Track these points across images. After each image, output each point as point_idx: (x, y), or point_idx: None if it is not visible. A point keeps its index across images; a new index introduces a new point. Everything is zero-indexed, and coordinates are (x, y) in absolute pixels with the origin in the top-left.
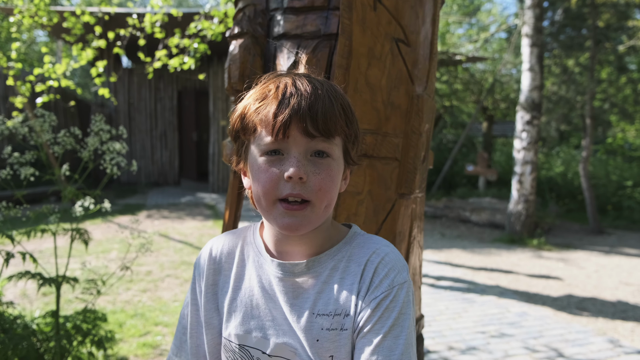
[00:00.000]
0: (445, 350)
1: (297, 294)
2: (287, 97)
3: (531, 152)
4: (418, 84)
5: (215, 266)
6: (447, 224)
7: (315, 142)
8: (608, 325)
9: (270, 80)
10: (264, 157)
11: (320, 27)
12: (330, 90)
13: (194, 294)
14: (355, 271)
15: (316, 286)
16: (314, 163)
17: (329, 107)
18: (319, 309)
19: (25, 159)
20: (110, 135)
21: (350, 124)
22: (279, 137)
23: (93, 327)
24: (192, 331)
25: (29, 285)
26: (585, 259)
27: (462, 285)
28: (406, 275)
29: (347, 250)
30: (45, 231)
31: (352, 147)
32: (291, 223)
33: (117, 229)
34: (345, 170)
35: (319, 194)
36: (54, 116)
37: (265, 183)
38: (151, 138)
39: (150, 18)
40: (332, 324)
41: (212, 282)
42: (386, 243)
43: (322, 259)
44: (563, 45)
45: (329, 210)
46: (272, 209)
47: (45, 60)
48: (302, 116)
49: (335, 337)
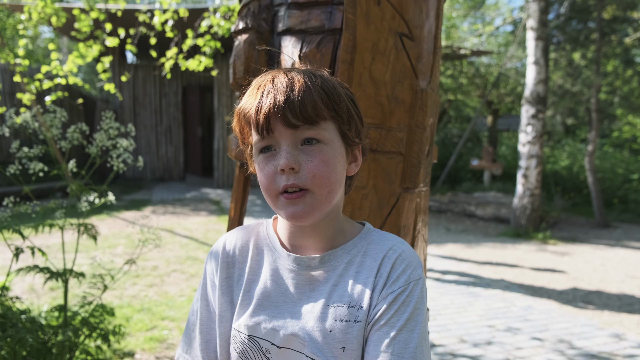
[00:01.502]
0: (451, 344)
1: (313, 287)
2: (264, 94)
3: (536, 146)
4: (422, 79)
5: (229, 260)
6: (452, 218)
7: (301, 131)
8: (614, 318)
9: (256, 83)
10: (260, 155)
11: (325, 22)
12: (310, 77)
13: (205, 289)
14: (371, 266)
15: (332, 279)
16: (306, 151)
17: (305, 94)
18: (333, 300)
19: (33, 153)
20: (118, 132)
21: (336, 105)
22: (265, 134)
23: (101, 322)
24: (202, 326)
25: (36, 280)
26: (591, 252)
27: (467, 280)
28: (421, 272)
29: (363, 245)
30: (53, 226)
31: (348, 128)
32: (295, 212)
33: (123, 224)
34: (349, 152)
35: (314, 180)
36: (64, 112)
37: (264, 180)
38: (156, 134)
39: (160, 17)
40: (345, 315)
41: (226, 275)
42: (402, 240)
43: (338, 252)
44: (569, 38)
45: (333, 196)
46: (277, 202)
47: (52, 57)
48: (279, 109)
49: (348, 329)
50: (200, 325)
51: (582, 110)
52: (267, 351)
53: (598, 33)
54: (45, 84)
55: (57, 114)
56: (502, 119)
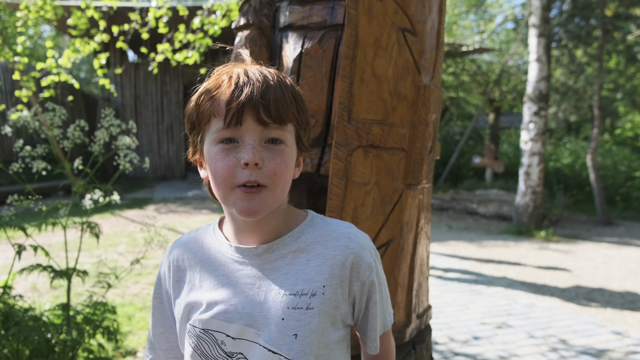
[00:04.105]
0: (453, 341)
1: (262, 277)
2: (240, 85)
3: (538, 144)
4: (425, 74)
5: (180, 264)
6: (454, 216)
7: (269, 130)
8: (616, 315)
9: (224, 71)
10: (219, 145)
11: (327, 18)
12: (281, 80)
13: (157, 300)
14: (324, 254)
15: (282, 268)
16: (268, 149)
17: (280, 95)
18: (285, 288)
19: (37, 152)
20: (120, 130)
21: (301, 111)
22: (232, 125)
23: (103, 320)
24: (162, 336)
25: (39, 279)
26: (594, 250)
27: (470, 277)
28: (371, 243)
29: (310, 232)
30: (56, 224)
31: (303, 134)
32: (250, 206)
33: (125, 223)
34: (298, 157)
35: (274, 178)
36: (64, 110)
37: (223, 171)
38: (158, 132)
39: (154, 13)
40: (297, 303)
41: (177, 279)
42: (348, 224)
43: (285, 240)
44: (571, 35)
45: (284, 194)
46: (231, 194)
47: (48, 54)
48: (255, 104)
49: (300, 316)
50: (159, 335)
51: (584, 108)
52: (222, 343)
53: (600, 30)
54: (44, 81)
55: (57, 112)
56: (504, 117)
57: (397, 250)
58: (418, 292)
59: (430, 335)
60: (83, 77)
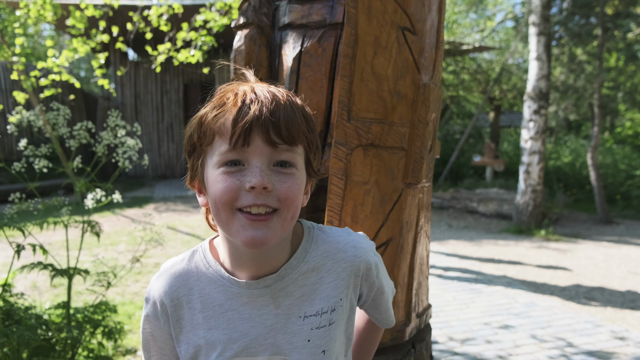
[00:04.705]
0: (453, 340)
1: (277, 305)
2: (247, 103)
3: (539, 142)
4: (424, 73)
5: (175, 302)
6: (454, 215)
7: (278, 152)
8: (617, 314)
9: (229, 89)
10: (222, 168)
11: (326, 17)
12: (291, 99)
13: (150, 337)
14: (335, 268)
15: (295, 292)
16: (278, 173)
17: (290, 114)
18: (305, 311)
19: (41, 152)
20: (125, 132)
21: (312, 132)
22: (239, 146)
23: (103, 319)
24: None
25: (39, 277)
26: (594, 248)
27: (470, 276)
28: (372, 244)
29: (314, 249)
30: (57, 223)
31: (313, 158)
32: (255, 236)
33: (125, 222)
34: (307, 183)
35: (286, 202)
36: (68, 109)
37: (223, 193)
38: (158, 131)
39: (156, 11)
40: (320, 322)
41: (176, 317)
42: (346, 232)
43: (292, 263)
44: (571, 33)
45: (293, 222)
46: (232, 220)
47: (48, 54)
48: (264, 123)
49: (324, 333)
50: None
51: (584, 106)
52: None
53: (601, 28)
54: (43, 81)
55: (61, 111)
56: (504, 115)
57: (397, 249)
58: (418, 291)
59: (430, 334)
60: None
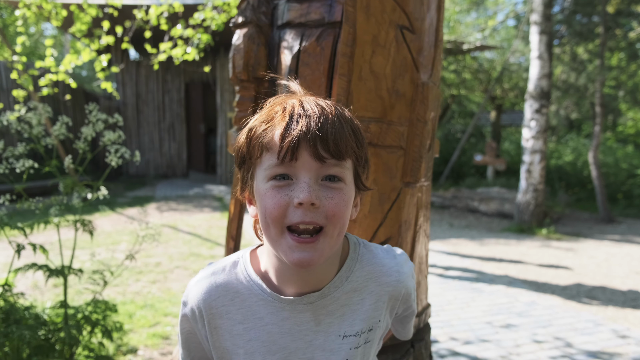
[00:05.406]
0: (453, 339)
1: (318, 322)
2: (294, 118)
3: (540, 141)
4: (423, 72)
5: (214, 311)
6: (455, 214)
7: (326, 167)
8: (618, 313)
9: (277, 103)
10: (271, 182)
11: (324, 15)
12: (339, 112)
13: (191, 335)
14: (377, 291)
15: (336, 311)
16: (326, 188)
17: (338, 128)
18: (344, 331)
19: (19, 151)
20: (106, 125)
21: (360, 146)
22: (287, 161)
23: (103, 318)
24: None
25: (40, 277)
26: (595, 248)
27: (471, 275)
28: (412, 267)
29: (359, 269)
30: (49, 223)
31: (362, 171)
32: (302, 258)
33: (126, 221)
34: (356, 197)
35: (332, 219)
36: (49, 107)
37: (273, 209)
38: (159, 130)
39: (156, 10)
40: (358, 342)
41: (214, 326)
42: (391, 253)
43: (336, 282)
44: (573, 32)
45: (340, 239)
46: (281, 239)
47: (47, 53)
48: (312, 137)
49: (364, 351)
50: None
51: (586, 105)
52: None
53: (602, 27)
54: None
55: (42, 109)
56: (506, 114)
57: None
58: (417, 290)
59: (429, 333)
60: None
